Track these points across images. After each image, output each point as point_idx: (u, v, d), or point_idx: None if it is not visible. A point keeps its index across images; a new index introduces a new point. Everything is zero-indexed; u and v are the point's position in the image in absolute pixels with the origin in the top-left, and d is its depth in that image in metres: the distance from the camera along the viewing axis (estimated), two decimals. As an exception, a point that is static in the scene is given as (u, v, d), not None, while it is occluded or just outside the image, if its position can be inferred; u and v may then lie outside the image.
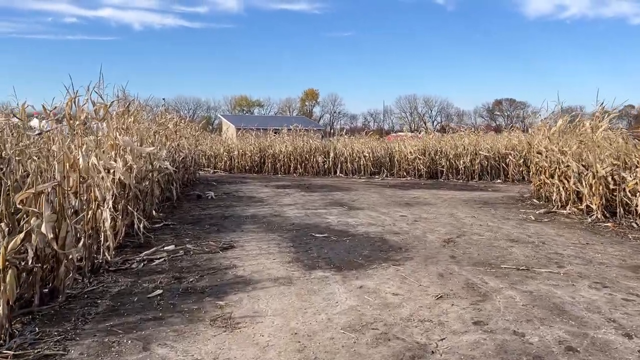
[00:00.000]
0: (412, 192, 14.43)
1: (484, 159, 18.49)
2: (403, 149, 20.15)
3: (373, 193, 14.02)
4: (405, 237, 7.53)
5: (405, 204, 11.56)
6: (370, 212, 10.09)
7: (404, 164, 20.11)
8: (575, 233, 7.73)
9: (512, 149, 18.18)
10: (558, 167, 10.46)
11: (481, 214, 9.87)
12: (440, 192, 14.43)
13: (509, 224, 8.67)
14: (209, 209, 10.79)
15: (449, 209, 10.66)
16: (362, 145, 21.41)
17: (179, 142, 13.36)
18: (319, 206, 11.10)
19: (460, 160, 18.81)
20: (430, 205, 11.19)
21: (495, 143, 19.03)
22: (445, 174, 19.12)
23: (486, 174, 18.56)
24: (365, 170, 20.79)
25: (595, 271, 5.49)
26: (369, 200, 12.31)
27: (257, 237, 7.54)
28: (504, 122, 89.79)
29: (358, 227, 8.35)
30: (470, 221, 8.91)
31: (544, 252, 6.41)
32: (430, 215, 9.61)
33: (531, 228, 8.22)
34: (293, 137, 22.87)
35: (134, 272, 5.63)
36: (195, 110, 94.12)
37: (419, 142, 20.55)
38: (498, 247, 6.75)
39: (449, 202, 11.79)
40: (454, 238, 7.40)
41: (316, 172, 21.56)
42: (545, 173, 11.30)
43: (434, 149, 19.79)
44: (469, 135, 20.50)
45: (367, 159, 20.60)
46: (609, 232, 7.76)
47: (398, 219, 9.24)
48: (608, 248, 6.64)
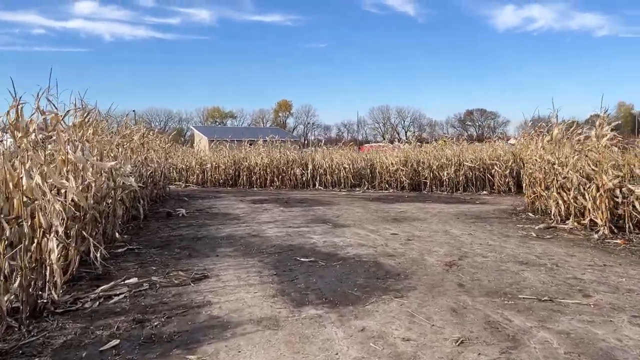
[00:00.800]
0: (397, 205, 13.71)
1: (468, 170, 17.96)
2: (384, 160, 19.50)
3: (357, 207, 13.25)
4: (401, 260, 6.75)
5: (393, 219, 10.81)
6: (358, 230, 9.30)
7: (385, 175, 19.44)
8: (586, 252, 7.07)
9: (497, 159, 17.70)
10: (555, 179, 9.87)
11: (477, 230, 9.18)
12: (426, 205, 13.76)
13: (511, 242, 7.99)
14: (179, 228, 9.83)
15: (441, 224, 9.95)
16: (342, 157, 20.68)
17: (147, 156, 12.36)
18: (300, 223, 10.25)
19: (444, 171, 18.24)
20: (420, 221, 10.47)
21: (479, 153, 18.53)
22: (429, 186, 18.51)
23: (471, 186, 18.03)
24: (345, 182, 20.05)
25: (627, 301, 4.80)
26: (354, 215, 11.52)
27: (234, 264, 6.65)
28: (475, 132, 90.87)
29: (347, 249, 7.54)
30: (468, 239, 8.20)
31: (561, 277, 5.71)
32: (423, 233, 8.87)
33: (537, 247, 7.54)
34: (269, 149, 22.01)
35: (87, 313, 4.69)
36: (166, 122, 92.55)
37: (400, 152, 19.93)
38: (508, 272, 6.03)
39: (439, 217, 11.09)
40: (455, 260, 6.66)
41: (294, 185, 20.72)
42: (540, 185, 10.72)
43: (416, 159, 19.20)
44: (452, 146, 20.00)
45: (348, 170, 19.87)
46: (622, 251, 7.13)
47: (389, 237, 8.47)
48: (629, 270, 5.98)
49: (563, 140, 10.15)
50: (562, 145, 10.05)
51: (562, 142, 10.10)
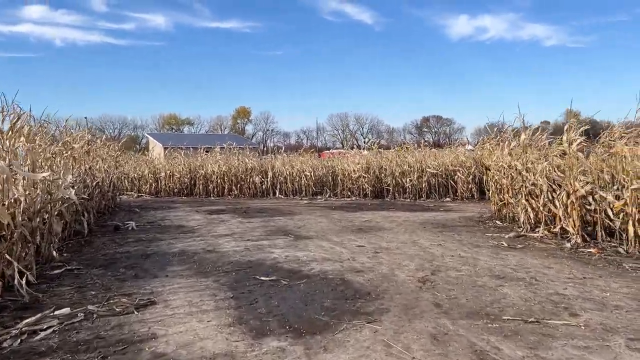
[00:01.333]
0: (361, 214, 13.26)
1: (431, 177, 17.74)
2: (346, 167, 19.07)
3: (319, 217, 12.71)
4: (370, 276, 6.24)
5: (358, 229, 10.33)
6: (322, 242, 8.75)
7: (347, 183, 19.01)
8: (563, 264, 6.76)
9: (460, 165, 17.56)
10: (524, 185, 9.63)
11: (447, 240, 8.80)
12: (391, 213, 13.36)
13: (483, 253, 7.62)
14: (127, 244, 9.02)
15: (408, 235, 9.53)
16: (303, 164, 20.15)
17: (92, 165, 11.45)
18: (260, 236, 9.62)
19: (407, 178, 17.97)
20: (386, 231, 10.02)
21: (441, 159, 18.37)
22: (392, 193, 18.19)
23: (434, 192, 17.81)
24: (307, 190, 19.50)
25: (619, 321, 4.43)
26: (316, 226, 10.98)
27: (186, 285, 5.97)
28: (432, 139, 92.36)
29: (311, 264, 6.98)
30: (438, 251, 7.79)
31: (542, 293, 5.32)
32: (391, 245, 8.40)
33: (510, 258, 7.19)
34: (227, 156, 21.21)
35: (5, 355, 3.94)
36: (121, 129, 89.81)
37: (362, 159, 19.56)
38: (486, 288, 5.60)
39: (405, 226, 10.68)
40: (428, 276, 6.20)
41: (253, 194, 20.00)
42: (507, 192, 10.48)
43: (378, 166, 18.86)
44: (414, 152, 19.77)
45: (309, 178, 19.34)
46: (599, 261, 6.85)
47: (356, 250, 7.96)
48: (611, 284, 5.66)
49: (530, 145, 9.93)
50: (530, 151, 9.84)
51: (529, 148, 9.88)
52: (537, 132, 10.48)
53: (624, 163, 7.78)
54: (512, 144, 10.85)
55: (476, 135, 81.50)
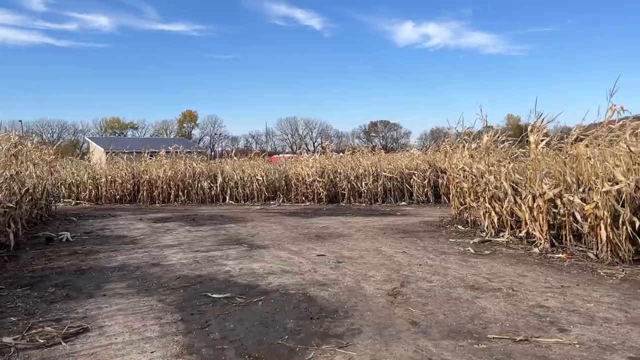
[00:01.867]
0: (317, 220, 12.72)
1: (387, 181, 17.46)
2: (300, 171, 18.52)
3: (274, 224, 12.07)
4: (335, 290, 5.69)
5: (316, 237, 9.77)
6: (279, 252, 8.14)
7: (301, 187, 18.45)
8: (536, 271, 6.45)
9: (416, 169, 17.38)
10: (487, 189, 9.38)
11: (410, 247, 8.39)
12: (348, 219, 12.90)
13: (451, 260, 7.23)
14: (60, 258, 8.08)
15: (370, 241, 9.07)
16: (255, 168, 19.43)
17: (19, 170, 10.35)
18: (211, 246, 8.90)
19: (362, 182, 17.61)
20: (346, 238, 9.53)
21: (397, 163, 18.14)
22: (347, 198, 17.78)
23: (390, 196, 17.54)
24: (259, 195, 18.80)
25: (612, 336, 4.07)
26: (271, 234, 10.34)
27: (126, 306, 5.22)
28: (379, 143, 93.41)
29: (269, 278, 6.35)
30: (405, 259, 7.34)
31: (524, 306, 4.94)
32: (353, 253, 7.90)
33: (481, 266, 6.83)
34: (173, 161, 20.16)
35: None
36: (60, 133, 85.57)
37: (317, 163, 19.06)
38: (462, 300, 5.17)
39: (365, 233, 10.22)
40: (398, 288, 5.72)
41: (202, 200, 19.08)
42: (469, 195, 10.22)
43: (332, 170, 18.43)
44: (368, 155, 19.46)
45: (261, 182, 18.64)
46: (571, 268, 6.59)
47: (316, 260, 7.40)
48: (592, 293, 5.36)
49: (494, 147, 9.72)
50: (493, 153, 9.61)
51: (492, 150, 9.66)
52: (498, 133, 10.30)
53: (590, 165, 7.61)
54: (472, 146, 10.62)
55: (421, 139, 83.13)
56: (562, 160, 8.43)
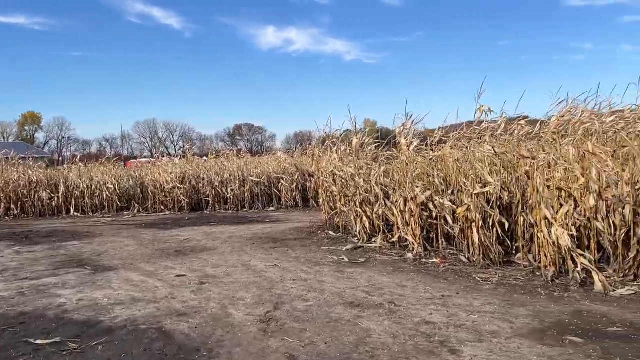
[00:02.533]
0: (178, 232, 11.58)
1: (254, 186, 16.73)
2: (158, 177, 17.01)
3: (126, 239, 10.69)
4: (198, 320, 4.82)
5: (176, 252, 8.72)
6: (130, 274, 6.99)
7: (160, 195, 16.94)
8: (414, 279, 6.18)
9: (283, 172, 16.89)
10: (358, 192, 9.11)
11: (282, 259, 7.76)
12: (213, 229, 11.94)
13: (326, 272, 6.73)
14: None
15: (237, 255, 8.28)
16: (105, 175, 17.46)
17: None
18: (44, 271, 7.42)
19: (227, 187, 16.67)
20: (210, 252, 8.61)
21: (264, 167, 17.51)
22: (212, 205, 16.71)
23: (258, 202, 16.84)
24: (110, 206, 16.89)
25: (505, 354, 3.79)
26: (122, 251, 9.04)
27: None
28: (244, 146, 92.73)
29: (116, 310, 5.27)
30: (277, 274, 6.67)
31: (409, 324, 4.53)
32: (219, 271, 7.04)
33: (358, 277, 6.41)
34: (2, 168, 17.32)
35: None
36: None
37: (177, 168, 17.69)
38: (344, 322, 4.63)
39: (232, 244, 9.39)
40: (271, 312, 5.03)
41: (40, 213, 16.61)
42: (340, 199, 9.90)
43: (195, 175, 17.23)
44: (233, 159, 18.57)
45: (112, 191, 16.75)
46: (448, 273, 6.44)
47: (175, 283, 6.42)
48: (472, 301, 5.15)
49: (362, 151, 9.50)
50: (363, 155, 9.39)
51: (361, 153, 9.43)
52: (365, 136, 10.14)
53: (457, 167, 7.64)
54: (341, 149, 10.34)
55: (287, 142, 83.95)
56: (428, 163, 8.41)
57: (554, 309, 4.82)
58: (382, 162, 9.39)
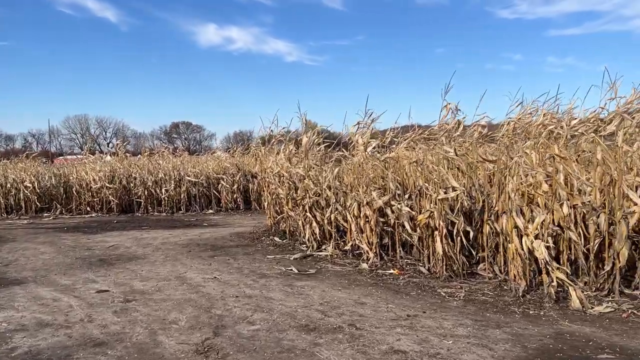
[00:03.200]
0: (104, 237, 10.44)
1: (191, 186, 15.67)
2: (84, 176, 15.59)
3: (43, 245, 9.47)
4: (119, 352, 3.95)
5: (100, 262, 7.69)
6: (41, 290, 5.96)
7: (86, 195, 15.53)
8: (373, 295, 5.54)
9: (224, 172, 15.94)
10: (307, 195, 8.42)
11: (223, 270, 6.94)
12: (144, 234, 10.88)
13: (273, 286, 5.98)
14: None
15: (171, 265, 7.37)
16: (22, 172, 15.83)
17: None
18: None
19: (162, 188, 15.52)
20: (140, 262, 7.65)
21: (203, 166, 16.47)
22: (144, 207, 15.50)
23: (195, 204, 15.78)
24: (27, 206, 15.30)
25: (494, 391, 3.20)
26: (36, 260, 7.90)
27: None
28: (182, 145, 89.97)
29: (15, 339, 4.29)
30: (216, 290, 5.86)
31: (376, 354, 3.87)
32: (148, 285, 6.13)
33: (310, 292, 5.71)
34: None
35: None
36: None
37: (106, 166, 16.32)
38: (298, 352, 3.91)
39: (165, 252, 8.45)
40: (211, 339, 4.23)
41: (-56, 215, 14.84)
42: (287, 203, 9.17)
43: (126, 174, 15.95)
44: (169, 157, 17.39)
45: (31, 190, 15.19)
46: (409, 287, 5.85)
47: (95, 300, 5.47)
48: (443, 322, 4.57)
49: (313, 151, 8.81)
50: (312, 156, 8.71)
51: (310, 153, 8.74)
52: (315, 135, 9.46)
53: (414, 169, 7.12)
54: (289, 148, 9.62)
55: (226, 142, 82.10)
56: (382, 165, 7.84)
57: (532, 330, 4.32)
58: (333, 164, 8.77)
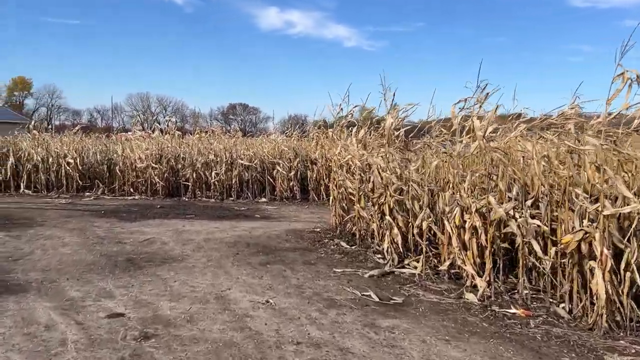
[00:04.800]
0: (141, 226, 9.06)
1: (244, 171, 14.18)
2: (129, 154, 14.40)
3: (70, 233, 8.18)
4: None
5: (126, 263, 6.23)
6: (39, 306, 4.50)
7: (130, 175, 14.35)
8: (503, 356, 3.71)
9: (280, 157, 14.34)
10: (387, 193, 6.62)
11: (278, 289, 5.28)
12: (187, 224, 9.43)
13: (349, 326, 4.25)
14: None
15: (213, 274, 5.80)
16: (67, 146, 14.84)
17: None
18: None
19: (212, 171, 14.11)
20: (175, 266, 6.13)
21: (258, 149, 14.95)
22: (192, 191, 14.15)
23: (246, 190, 14.30)
24: (69, 184, 14.30)
25: None
26: (52, 256, 6.54)
27: None
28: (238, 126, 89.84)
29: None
30: (269, 325, 4.19)
31: None
32: (178, 309, 4.55)
33: (405, 344, 3.93)
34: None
35: None
36: None
37: (153, 144, 15.08)
38: None
39: (207, 253, 6.91)
40: None
41: (-17, 188, 14.03)
42: (360, 201, 7.41)
43: (174, 154, 14.65)
44: (221, 137, 15.92)
45: (73, 167, 14.15)
46: (553, 344, 3.97)
47: (100, 333, 3.92)
48: None
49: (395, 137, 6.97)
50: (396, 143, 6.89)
51: (395, 140, 6.92)
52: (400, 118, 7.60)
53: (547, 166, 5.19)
54: (362, 131, 7.81)
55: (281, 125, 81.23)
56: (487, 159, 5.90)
57: None
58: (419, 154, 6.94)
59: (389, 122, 6.70)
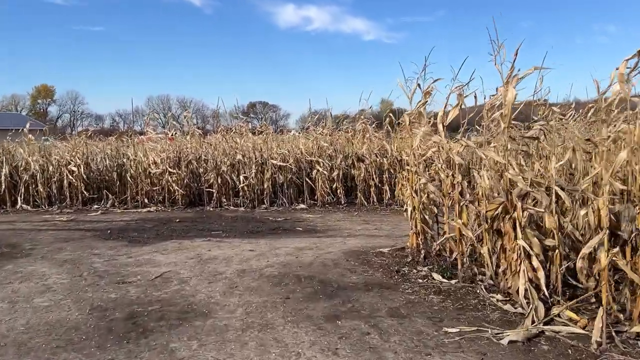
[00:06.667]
0: (154, 252, 7.05)
1: (277, 172, 12.09)
2: (142, 158, 12.43)
3: (57, 268, 6.20)
4: None
5: (126, 323, 4.19)
6: None
7: (144, 183, 12.37)
8: None
9: (320, 154, 12.20)
10: (509, 202, 4.42)
11: (372, 380, 3.16)
12: (213, 247, 7.39)
13: None
14: None
15: (257, 346, 3.71)
16: (71, 152, 12.96)
17: None
18: None
19: (239, 174, 12.06)
20: (198, 328, 4.07)
21: (292, 146, 12.85)
22: (216, 198, 12.11)
23: (281, 196, 12.21)
24: (74, 196, 12.41)
25: None
26: (23, 312, 4.54)
27: None
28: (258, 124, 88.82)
29: None
30: None
31: None
32: None
33: None
34: None
35: None
36: None
37: (171, 146, 13.10)
38: None
39: (244, 299, 4.83)
40: None
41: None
42: (461, 214, 5.22)
43: (195, 156, 12.65)
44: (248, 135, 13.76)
45: (77, 176, 12.23)
46: None
47: None
48: None
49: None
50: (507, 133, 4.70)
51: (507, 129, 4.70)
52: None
53: None
54: (453, 112, 5.59)
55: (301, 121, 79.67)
56: None
57: None
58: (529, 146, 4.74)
59: (510, 95, 4.46)
